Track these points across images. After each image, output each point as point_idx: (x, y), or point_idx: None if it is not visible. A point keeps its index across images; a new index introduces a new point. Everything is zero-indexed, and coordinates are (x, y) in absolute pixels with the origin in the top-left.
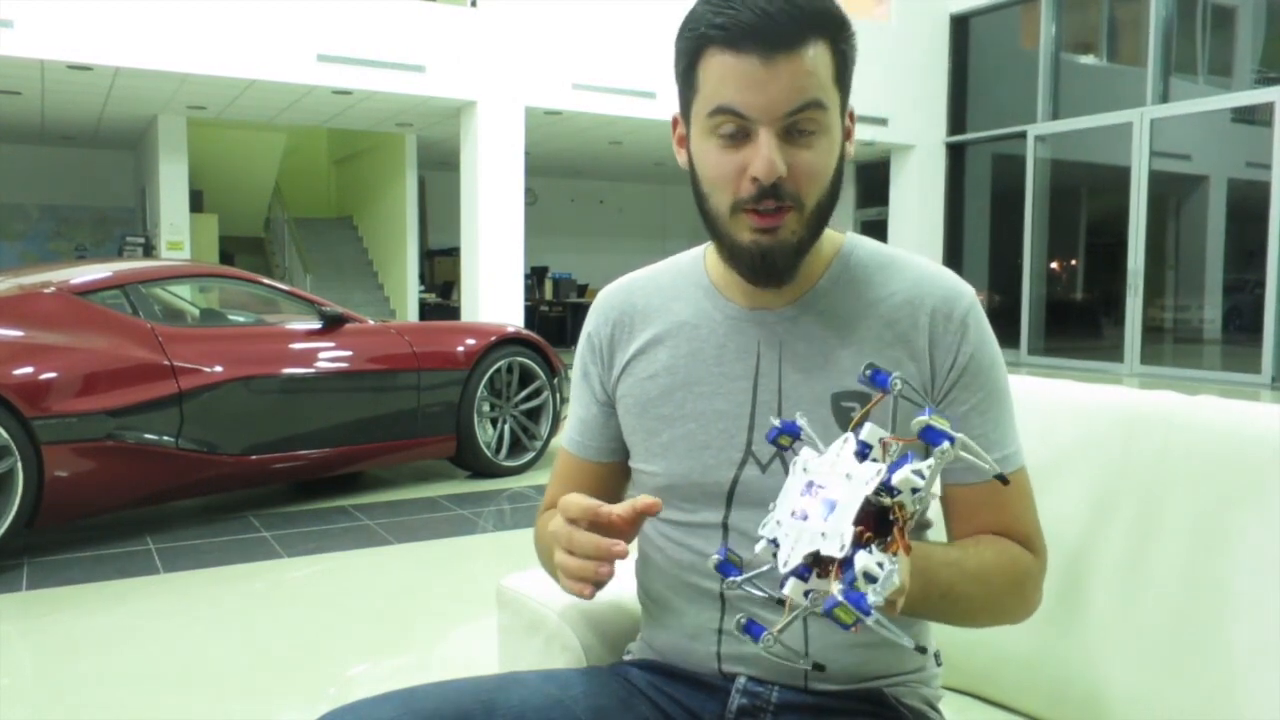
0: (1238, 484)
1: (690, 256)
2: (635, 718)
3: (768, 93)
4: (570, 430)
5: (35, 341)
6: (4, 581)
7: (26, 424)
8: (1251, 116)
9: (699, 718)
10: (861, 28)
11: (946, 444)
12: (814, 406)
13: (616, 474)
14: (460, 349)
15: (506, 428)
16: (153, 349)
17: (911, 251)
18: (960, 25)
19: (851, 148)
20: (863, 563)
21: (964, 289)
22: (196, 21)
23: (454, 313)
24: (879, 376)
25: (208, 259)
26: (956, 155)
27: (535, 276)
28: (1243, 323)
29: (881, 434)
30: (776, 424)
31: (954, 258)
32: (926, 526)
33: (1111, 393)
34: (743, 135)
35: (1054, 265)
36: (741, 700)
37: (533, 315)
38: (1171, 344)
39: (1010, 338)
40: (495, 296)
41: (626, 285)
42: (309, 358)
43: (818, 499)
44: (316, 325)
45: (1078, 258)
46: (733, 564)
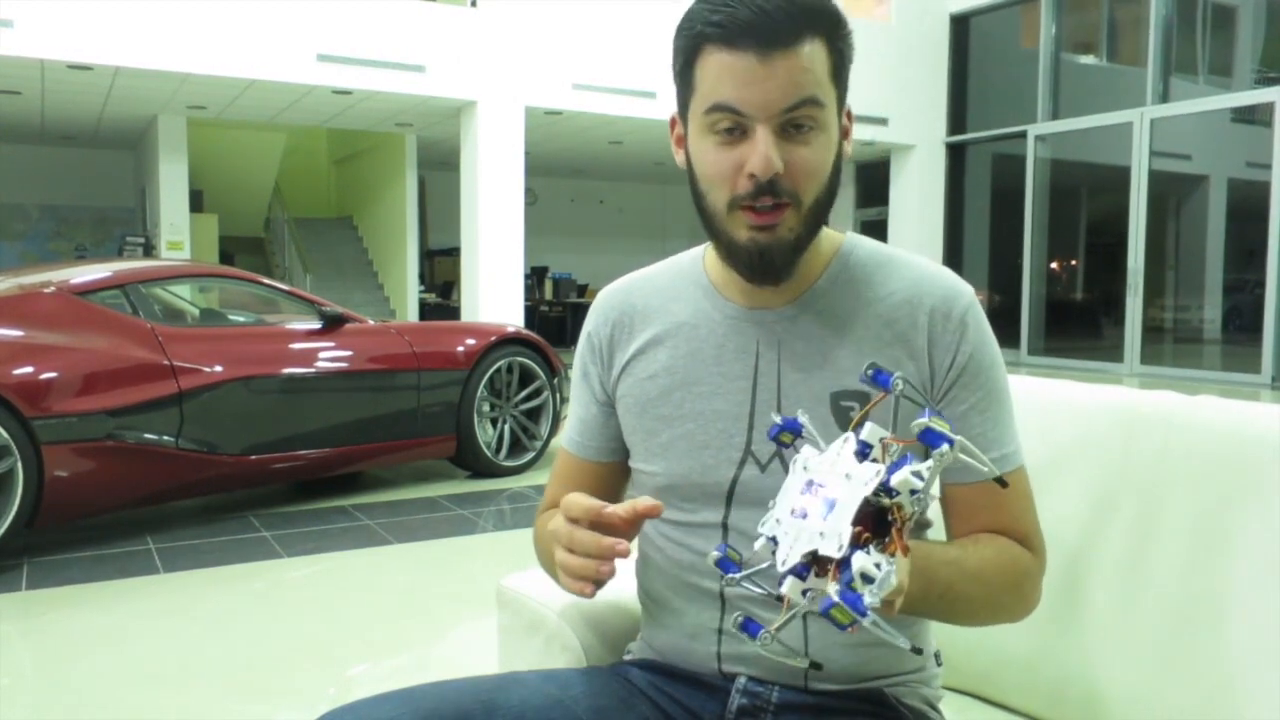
0: (1238, 484)
1: (689, 256)
2: (635, 718)
3: (764, 89)
4: (570, 430)
5: (35, 341)
6: (4, 581)
7: (26, 424)
8: (1251, 116)
9: (699, 717)
10: (862, 27)
11: (946, 446)
12: (813, 405)
13: (616, 474)
14: (460, 349)
15: (506, 428)
16: (153, 349)
17: (911, 251)
18: (960, 25)
19: (849, 146)
20: (860, 564)
21: (963, 288)
22: (196, 21)
23: (454, 313)
24: (881, 376)
25: (208, 259)
26: (956, 155)
27: (535, 276)
28: (1243, 323)
29: (882, 434)
30: (778, 421)
31: (954, 257)
32: (926, 526)
33: (1111, 393)
34: (740, 132)
35: (1054, 265)
36: (741, 700)
37: (533, 315)
38: (1171, 344)
39: (1010, 337)
40: (495, 296)
41: (626, 285)
42: (309, 358)
43: (817, 498)
44: (316, 325)
45: (1078, 258)
46: (732, 561)
